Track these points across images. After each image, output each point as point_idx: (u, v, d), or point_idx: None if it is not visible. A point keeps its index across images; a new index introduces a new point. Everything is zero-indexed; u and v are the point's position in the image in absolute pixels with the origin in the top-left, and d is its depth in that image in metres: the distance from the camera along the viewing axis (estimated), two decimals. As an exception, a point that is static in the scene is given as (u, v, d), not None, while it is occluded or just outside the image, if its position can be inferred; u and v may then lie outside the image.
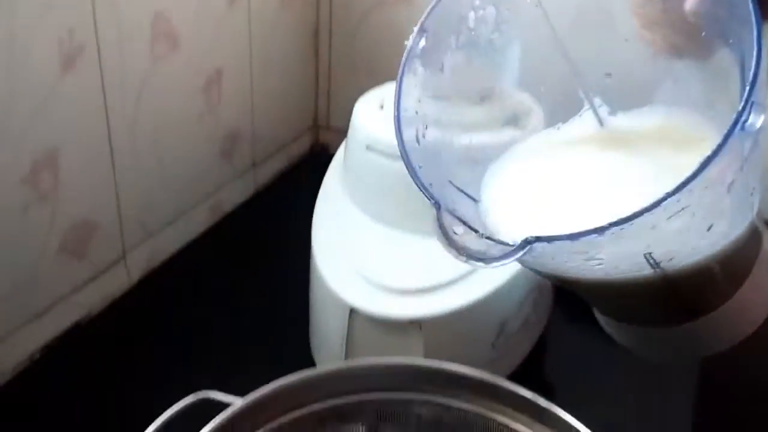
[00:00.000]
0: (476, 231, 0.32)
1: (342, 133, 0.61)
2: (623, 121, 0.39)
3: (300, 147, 0.88)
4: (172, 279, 0.70)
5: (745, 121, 0.26)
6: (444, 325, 0.52)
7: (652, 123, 0.38)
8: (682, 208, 0.28)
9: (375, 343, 0.53)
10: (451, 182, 0.37)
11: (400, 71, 0.36)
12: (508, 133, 0.51)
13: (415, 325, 0.52)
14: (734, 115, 0.27)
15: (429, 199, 0.33)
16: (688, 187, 0.27)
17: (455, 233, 0.32)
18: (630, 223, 0.27)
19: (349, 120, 0.58)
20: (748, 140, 0.28)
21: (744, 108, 0.26)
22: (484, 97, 0.50)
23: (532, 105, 0.51)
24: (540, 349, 0.60)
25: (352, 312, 0.52)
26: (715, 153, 0.27)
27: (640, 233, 0.29)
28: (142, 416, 0.39)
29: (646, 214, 0.27)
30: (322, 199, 0.60)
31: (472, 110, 0.48)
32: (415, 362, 0.42)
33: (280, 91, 0.82)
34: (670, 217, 0.28)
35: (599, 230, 0.28)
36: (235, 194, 0.78)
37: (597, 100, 0.40)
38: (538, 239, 0.29)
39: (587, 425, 0.38)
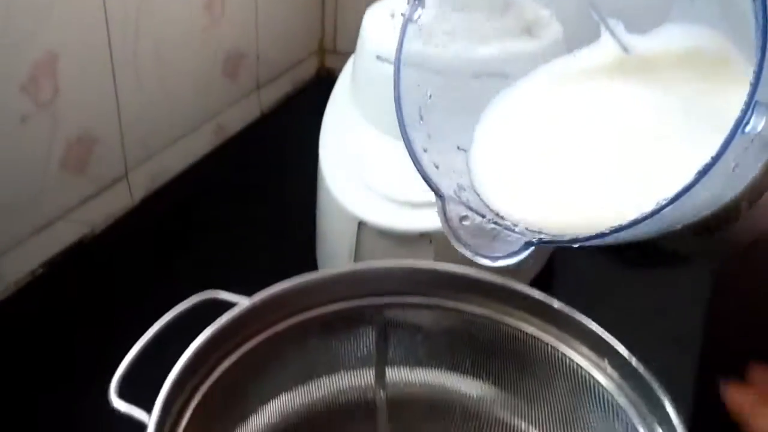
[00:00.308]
0: (483, 216, 0.32)
1: (349, 57, 0.59)
2: (641, 44, 0.37)
3: (305, 71, 0.86)
4: (175, 200, 0.69)
5: (747, 123, 0.25)
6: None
7: (671, 45, 0.36)
8: (683, 203, 0.27)
9: (384, 256, 0.52)
10: (459, 147, 0.36)
11: (396, 50, 0.34)
12: (523, 45, 0.49)
13: (425, 238, 0.51)
14: (735, 118, 0.25)
15: (433, 190, 0.32)
16: (687, 194, 0.26)
17: (462, 221, 0.32)
18: (632, 229, 0.27)
19: (356, 44, 0.56)
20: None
21: (746, 111, 0.25)
22: (500, 10, 0.49)
23: (550, 17, 0.49)
24: (549, 271, 0.59)
25: (361, 225, 0.51)
26: (714, 160, 0.25)
27: (642, 228, 0.28)
28: (146, 323, 0.39)
29: (646, 221, 0.27)
30: (330, 112, 0.58)
31: (488, 21, 0.46)
32: (425, 266, 0.41)
33: (285, 10, 0.79)
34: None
35: (600, 236, 0.28)
36: (239, 116, 0.77)
37: (612, 21, 0.38)
38: (541, 241, 0.30)
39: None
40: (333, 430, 0.42)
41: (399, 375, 0.43)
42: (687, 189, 0.26)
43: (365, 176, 0.53)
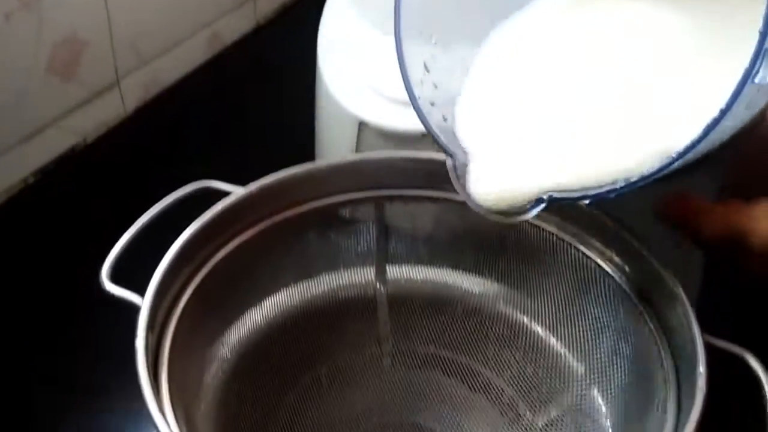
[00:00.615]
0: None
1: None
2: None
3: (303, -20, 0.83)
4: (168, 111, 0.67)
5: (756, 73, 0.24)
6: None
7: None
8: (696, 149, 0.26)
9: (384, 158, 0.51)
10: None
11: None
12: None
13: (428, 138, 0.49)
14: (744, 68, 0.23)
15: (441, 148, 0.33)
16: (696, 149, 0.25)
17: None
18: (641, 183, 0.27)
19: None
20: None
21: (754, 61, 0.23)
22: None
23: None
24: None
25: (362, 125, 0.50)
26: (723, 113, 0.24)
27: (652, 180, 0.28)
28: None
29: (657, 175, 0.27)
30: (328, 11, 0.56)
31: None
32: (427, 156, 0.40)
33: None
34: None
35: (612, 191, 0.28)
36: (234, 26, 0.74)
37: None
38: (552, 198, 0.29)
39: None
40: (333, 325, 0.42)
41: (400, 272, 0.43)
42: (697, 142, 0.25)
43: (366, 77, 0.51)
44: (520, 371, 0.39)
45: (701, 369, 0.28)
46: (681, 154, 0.26)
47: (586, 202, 0.29)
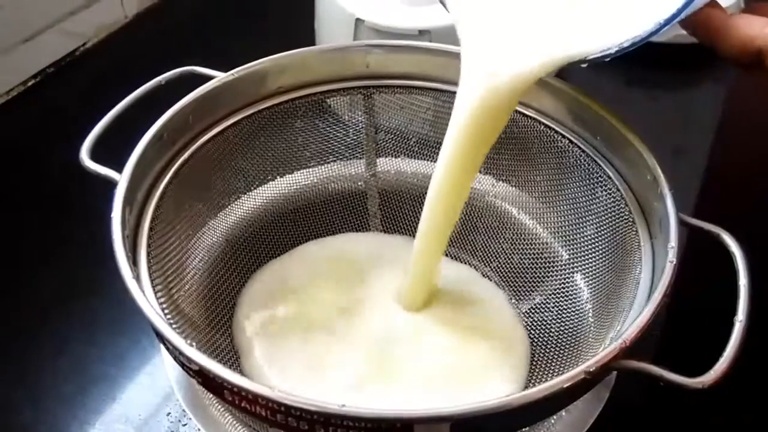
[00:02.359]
0: None
1: None
2: None
3: None
4: (167, 19, 0.66)
5: None
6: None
7: None
8: None
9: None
10: None
11: None
12: None
13: (425, 35, 0.48)
14: None
15: None
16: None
17: None
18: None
19: None
20: None
21: None
22: None
23: None
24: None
25: (358, 23, 0.49)
26: None
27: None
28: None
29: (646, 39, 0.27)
30: None
31: None
32: (416, 45, 0.39)
33: None
34: None
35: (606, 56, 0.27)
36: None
37: None
38: None
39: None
40: (322, 217, 0.42)
41: (390, 164, 0.42)
42: (681, 10, 0.25)
43: (361, -28, 0.50)
44: (507, 260, 0.39)
45: (672, 243, 0.28)
46: (668, 21, 0.26)
47: (584, 65, 0.29)
